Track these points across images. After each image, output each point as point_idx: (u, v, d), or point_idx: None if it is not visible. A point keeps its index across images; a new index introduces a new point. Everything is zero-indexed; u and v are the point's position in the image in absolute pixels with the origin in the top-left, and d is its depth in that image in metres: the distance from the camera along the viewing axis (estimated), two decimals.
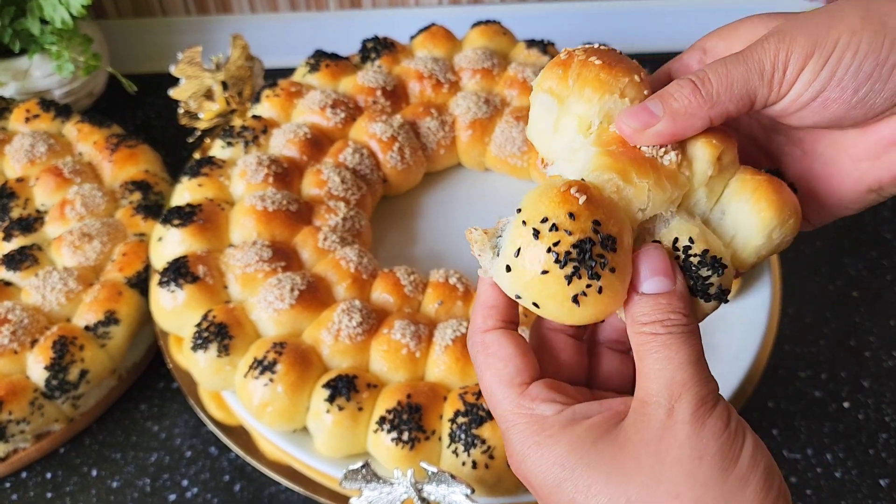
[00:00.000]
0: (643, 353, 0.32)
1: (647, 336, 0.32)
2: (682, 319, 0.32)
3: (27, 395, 0.64)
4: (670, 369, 0.31)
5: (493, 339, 0.35)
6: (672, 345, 0.31)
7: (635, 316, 0.32)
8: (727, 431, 0.31)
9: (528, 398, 0.34)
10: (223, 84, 0.79)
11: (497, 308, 0.36)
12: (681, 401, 0.31)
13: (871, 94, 0.33)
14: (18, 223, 0.75)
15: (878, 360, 0.74)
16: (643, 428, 0.31)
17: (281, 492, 0.65)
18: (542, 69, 0.38)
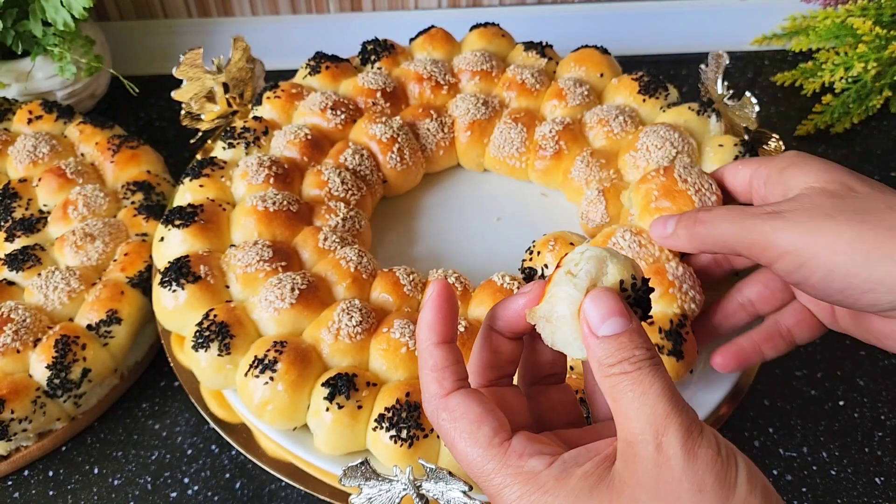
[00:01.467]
0: (617, 395, 0.32)
1: (617, 377, 0.32)
2: (647, 353, 0.32)
3: (29, 393, 0.64)
4: (649, 405, 0.31)
5: (457, 401, 0.34)
6: (644, 380, 0.31)
7: (601, 359, 0.32)
8: (720, 458, 0.30)
9: (513, 456, 0.32)
10: (224, 86, 0.80)
11: (449, 368, 0.35)
12: (667, 434, 0.30)
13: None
14: (21, 223, 0.75)
15: (873, 358, 0.75)
16: (636, 469, 0.31)
17: (281, 489, 0.66)
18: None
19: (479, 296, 0.64)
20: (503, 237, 0.74)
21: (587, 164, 0.72)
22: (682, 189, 0.62)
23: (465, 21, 0.90)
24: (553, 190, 0.77)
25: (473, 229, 0.75)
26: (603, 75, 0.81)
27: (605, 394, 0.33)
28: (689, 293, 0.59)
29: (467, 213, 0.77)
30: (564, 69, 0.82)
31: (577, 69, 0.81)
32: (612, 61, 0.83)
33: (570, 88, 0.78)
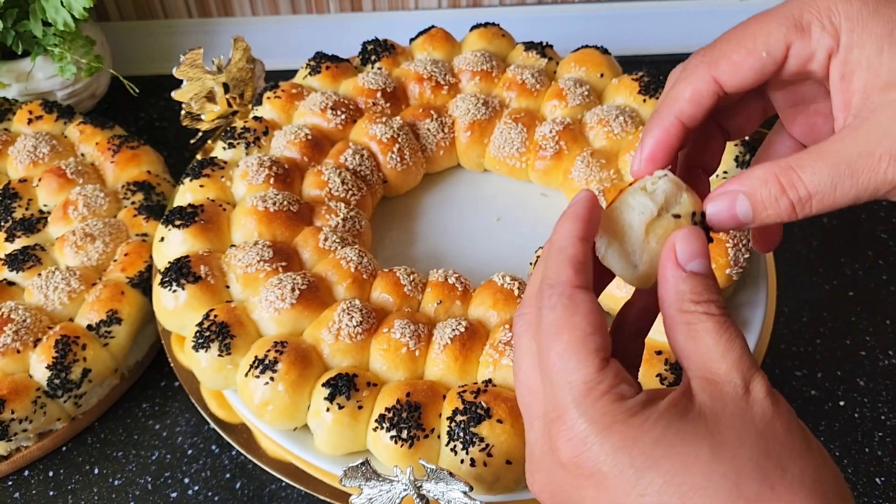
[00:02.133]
0: (696, 333, 0.31)
1: (701, 315, 0.31)
2: (726, 307, 0.32)
3: (30, 393, 0.64)
4: (736, 352, 0.31)
5: (585, 298, 0.32)
6: (731, 329, 0.31)
7: (684, 293, 0.31)
8: (791, 411, 0.31)
9: (611, 372, 0.31)
10: (225, 86, 0.80)
11: (588, 267, 0.33)
12: (754, 382, 0.30)
13: None
14: (21, 224, 0.75)
15: (874, 358, 0.75)
16: (727, 405, 0.30)
17: (281, 489, 0.66)
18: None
19: (479, 296, 0.64)
20: (503, 237, 0.74)
21: (587, 165, 0.72)
22: (722, 239, 0.63)
23: (466, 21, 0.90)
24: (553, 190, 0.77)
25: (473, 229, 0.75)
26: (603, 75, 0.81)
27: (675, 330, 0.32)
28: None
29: (467, 214, 0.77)
30: (564, 69, 0.82)
31: (578, 69, 0.81)
32: (613, 61, 0.83)
33: (570, 88, 0.78)
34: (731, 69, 0.34)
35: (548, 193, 0.78)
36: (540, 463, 0.32)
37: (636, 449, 0.29)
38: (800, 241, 0.85)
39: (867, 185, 0.31)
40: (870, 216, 0.87)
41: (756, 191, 0.32)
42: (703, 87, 0.34)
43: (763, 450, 0.29)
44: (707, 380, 0.31)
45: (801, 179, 0.31)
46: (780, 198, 0.32)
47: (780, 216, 0.32)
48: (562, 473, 0.31)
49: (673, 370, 0.58)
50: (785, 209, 0.32)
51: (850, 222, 0.86)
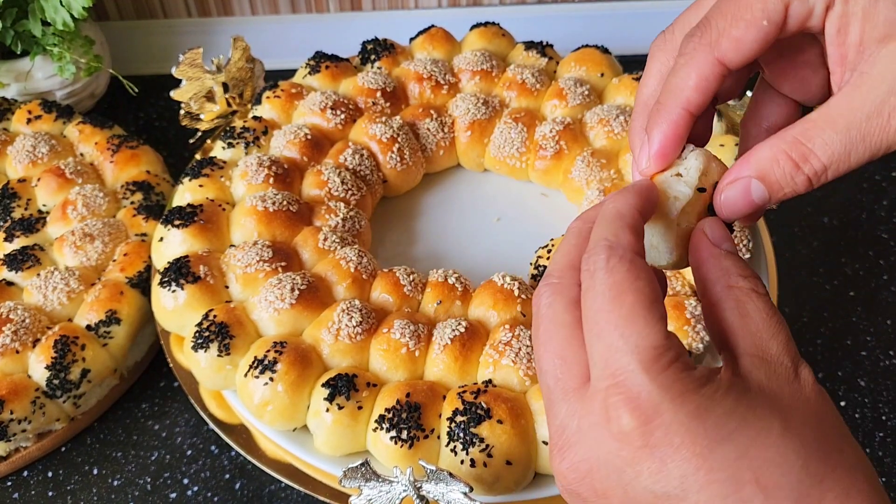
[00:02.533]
0: (747, 309, 0.30)
1: (751, 292, 0.31)
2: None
3: (29, 394, 0.64)
4: (784, 335, 0.30)
5: (647, 267, 0.30)
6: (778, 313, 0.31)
7: (729, 269, 0.31)
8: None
9: (676, 340, 0.29)
10: (224, 85, 0.80)
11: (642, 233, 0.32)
12: (801, 366, 0.30)
13: None
14: (20, 223, 0.75)
15: (874, 359, 0.74)
16: (783, 383, 0.30)
17: (281, 490, 0.65)
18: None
19: (479, 296, 0.64)
20: (503, 237, 0.74)
21: (588, 164, 0.72)
22: None
23: (466, 20, 0.90)
24: (553, 190, 0.77)
25: (473, 229, 0.75)
26: (603, 75, 0.81)
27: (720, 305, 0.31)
28: (700, 333, 0.60)
29: (467, 214, 0.77)
30: (565, 69, 0.82)
31: (578, 69, 0.81)
32: (613, 61, 0.83)
33: (570, 88, 0.78)
34: (734, 46, 0.32)
35: (548, 193, 0.78)
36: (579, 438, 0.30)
37: (710, 420, 0.27)
38: (800, 241, 0.85)
39: (880, 144, 0.30)
40: (870, 216, 0.87)
41: (769, 172, 0.31)
42: (709, 72, 0.32)
43: (823, 432, 0.29)
44: (760, 358, 0.30)
45: (814, 152, 0.30)
46: (795, 175, 0.30)
47: (797, 191, 0.31)
48: (615, 446, 0.29)
49: None
50: (802, 184, 0.31)
51: (850, 222, 0.86)
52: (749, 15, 0.31)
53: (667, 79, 0.34)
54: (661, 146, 0.34)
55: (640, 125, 0.36)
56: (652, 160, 0.34)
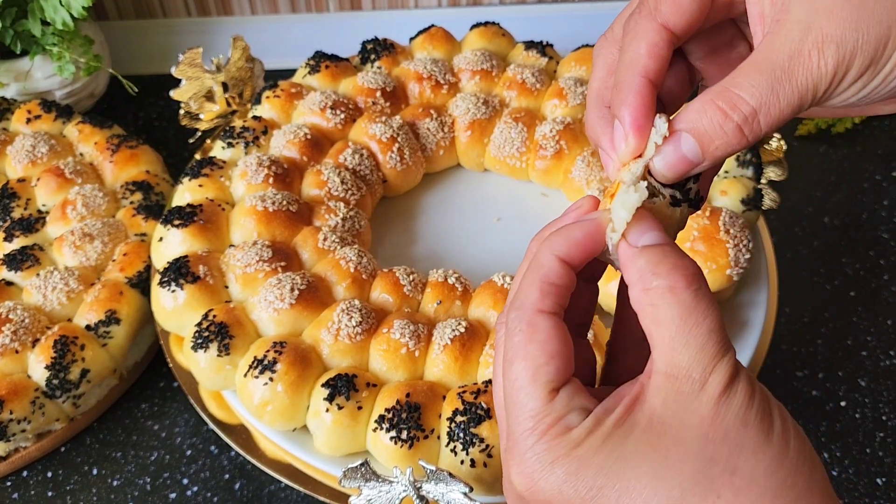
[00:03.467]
0: (661, 316, 0.29)
1: (665, 292, 0.29)
2: (697, 271, 0.29)
3: (28, 394, 0.64)
4: (700, 338, 0.28)
5: (546, 325, 0.30)
6: (697, 308, 0.28)
7: (643, 269, 0.29)
8: (757, 395, 0.29)
9: (559, 404, 0.30)
10: (224, 85, 0.79)
11: (559, 289, 0.31)
12: (714, 374, 0.28)
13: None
14: (20, 223, 0.75)
15: (875, 359, 0.74)
16: (678, 408, 0.28)
17: (281, 490, 0.65)
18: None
19: (479, 296, 0.64)
20: (503, 237, 0.74)
21: (588, 164, 0.72)
22: (722, 240, 0.63)
23: (466, 20, 0.90)
24: (554, 190, 0.77)
25: (473, 229, 0.75)
26: None
27: (643, 314, 0.29)
28: None
29: (467, 213, 0.77)
30: (565, 68, 0.82)
31: (578, 68, 0.81)
32: None
33: (570, 88, 0.78)
34: (674, 9, 0.32)
35: (548, 193, 0.78)
36: (505, 489, 0.32)
37: (580, 482, 0.28)
38: (801, 241, 0.84)
39: (806, 83, 0.29)
40: (871, 216, 0.87)
41: (696, 124, 0.30)
42: (657, 38, 0.32)
43: (709, 457, 0.28)
44: (667, 375, 0.29)
45: (741, 96, 0.29)
46: (724, 123, 0.29)
47: (730, 144, 0.30)
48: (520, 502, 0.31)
49: None
50: (732, 134, 0.29)
51: (851, 222, 0.86)
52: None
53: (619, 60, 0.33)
54: (634, 118, 0.31)
55: (596, 115, 0.35)
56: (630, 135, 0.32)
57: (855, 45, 0.28)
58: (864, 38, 0.28)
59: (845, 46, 0.28)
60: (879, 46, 0.28)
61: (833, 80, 0.29)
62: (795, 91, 0.29)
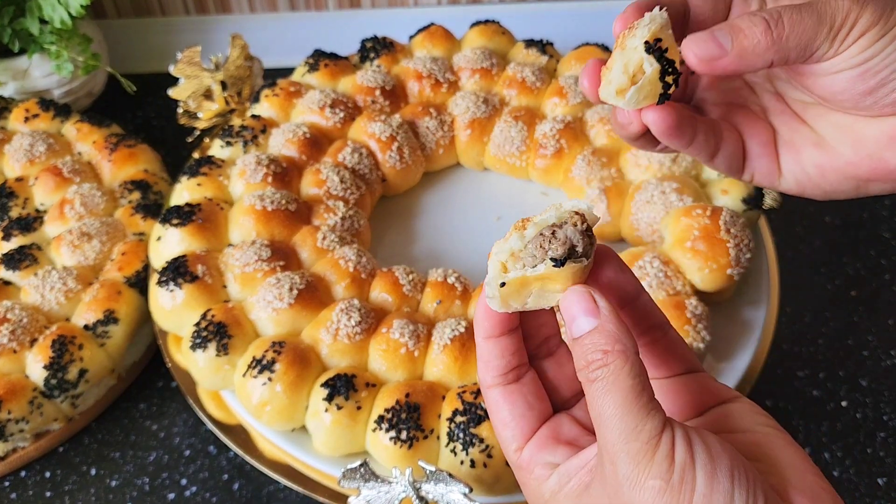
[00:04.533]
0: (595, 400, 0.30)
1: (586, 384, 0.30)
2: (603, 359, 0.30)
3: (26, 394, 0.64)
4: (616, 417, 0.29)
5: (492, 398, 0.35)
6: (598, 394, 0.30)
7: (577, 363, 0.31)
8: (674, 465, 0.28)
9: (524, 462, 0.34)
10: (222, 84, 0.79)
11: (491, 363, 0.35)
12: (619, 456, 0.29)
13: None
14: (18, 222, 0.75)
15: (876, 359, 0.74)
16: (604, 485, 0.30)
17: (279, 490, 0.65)
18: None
19: (479, 296, 0.63)
20: (503, 237, 0.74)
21: (588, 163, 0.72)
22: (723, 239, 0.63)
23: (465, 18, 0.89)
24: (554, 189, 0.77)
25: (473, 229, 0.75)
26: None
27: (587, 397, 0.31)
28: (701, 332, 0.60)
29: (467, 213, 0.76)
30: (565, 67, 0.82)
31: (578, 67, 0.81)
32: None
33: (570, 86, 0.77)
34: None
35: (548, 192, 0.77)
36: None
37: None
38: (802, 240, 0.84)
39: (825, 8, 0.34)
40: (872, 216, 0.86)
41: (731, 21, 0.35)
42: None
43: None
44: (598, 454, 0.30)
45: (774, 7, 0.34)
46: (753, 18, 0.34)
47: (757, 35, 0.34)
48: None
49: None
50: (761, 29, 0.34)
51: (852, 222, 0.86)
52: None
53: None
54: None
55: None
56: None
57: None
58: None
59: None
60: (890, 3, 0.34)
61: (848, 15, 0.34)
62: (818, 14, 0.34)
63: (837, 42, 0.34)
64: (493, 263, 0.33)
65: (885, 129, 0.36)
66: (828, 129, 0.39)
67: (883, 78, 0.35)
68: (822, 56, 0.35)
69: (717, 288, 0.64)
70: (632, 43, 0.35)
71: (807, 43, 0.34)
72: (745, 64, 0.34)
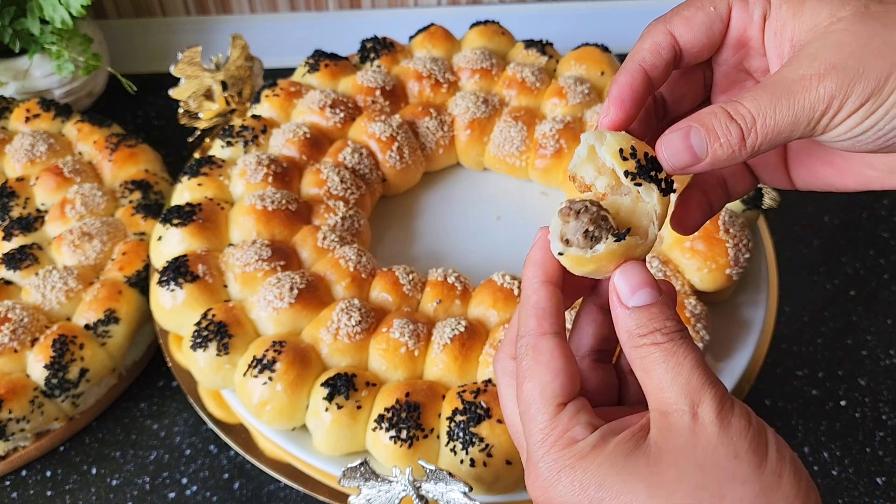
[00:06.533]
0: (648, 365, 0.32)
1: (649, 347, 0.32)
2: (677, 325, 0.32)
3: (27, 393, 0.64)
4: (683, 375, 0.31)
5: (549, 346, 0.34)
6: (677, 351, 0.31)
7: (631, 330, 0.32)
8: (752, 427, 0.31)
9: (565, 417, 0.33)
10: (223, 84, 0.79)
11: (553, 313, 0.35)
12: (702, 405, 0.31)
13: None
14: (18, 222, 0.75)
15: (875, 358, 0.74)
16: (672, 437, 0.31)
17: (280, 489, 0.65)
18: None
19: (479, 295, 0.64)
20: (503, 236, 0.74)
21: None
22: (722, 239, 0.63)
23: (465, 19, 0.90)
24: (554, 189, 0.77)
25: (473, 228, 0.75)
26: (604, 73, 0.80)
27: (634, 366, 0.33)
28: (701, 332, 0.60)
29: (467, 213, 0.77)
30: (565, 67, 0.82)
31: (578, 67, 0.81)
32: (613, 59, 0.83)
33: (570, 87, 0.77)
34: (684, 22, 0.36)
35: (548, 192, 0.78)
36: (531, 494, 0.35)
37: (583, 493, 0.31)
38: (801, 240, 0.84)
39: (803, 103, 0.31)
40: (871, 215, 0.86)
41: (706, 120, 0.33)
42: (661, 39, 0.36)
43: (699, 483, 0.30)
44: (659, 412, 0.32)
45: (744, 105, 0.32)
46: (729, 124, 0.32)
47: (731, 145, 0.32)
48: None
49: None
50: (735, 136, 0.32)
51: (851, 222, 0.86)
52: (699, 3, 0.36)
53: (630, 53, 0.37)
54: (617, 93, 0.35)
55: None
56: (610, 107, 0.35)
57: (856, 73, 0.31)
58: (867, 70, 0.31)
59: (846, 73, 0.31)
60: (881, 79, 0.31)
61: (830, 105, 0.31)
62: (792, 108, 0.32)
63: (820, 129, 0.32)
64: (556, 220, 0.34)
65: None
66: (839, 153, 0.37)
67: (883, 144, 0.33)
68: (807, 135, 0.33)
69: (716, 288, 0.64)
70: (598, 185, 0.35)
71: (783, 140, 0.33)
72: (720, 167, 0.34)
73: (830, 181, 0.38)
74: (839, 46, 0.31)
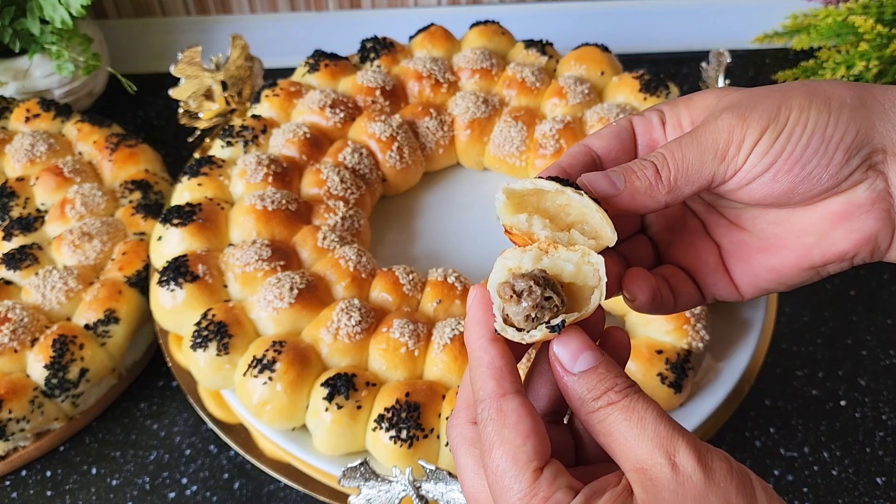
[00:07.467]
0: (609, 427, 0.31)
1: (606, 409, 0.31)
2: (629, 381, 0.32)
3: (27, 393, 0.64)
4: (650, 428, 0.30)
5: (513, 407, 0.32)
6: (636, 406, 0.31)
7: (583, 395, 0.32)
8: (734, 469, 0.30)
9: (545, 484, 0.31)
10: (223, 84, 0.79)
11: (509, 371, 0.33)
12: (678, 454, 0.30)
13: (818, 168, 0.34)
14: (18, 222, 0.75)
15: (875, 358, 0.74)
16: (660, 493, 0.30)
17: (280, 489, 0.65)
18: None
19: (475, 294, 0.63)
20: (503, 236, 0.74)
21: None
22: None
23: (465, 19, 0.90)
24: None
25: (473, 229, 0.75)
26: (604, 73, 0.81)
27: (594, 431, 0.32)
28: (700, 332, 0.60)
29: (467, 213, 0.77)
30: (565, 67, 0.82)
31: (578, 67, 0.81)
32: (613, 59, 0.83)
33: (570, 87, 0.77)
34: (595, 136, 0.40)
35: None
36: None
37: None
38: None
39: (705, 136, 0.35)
40: None
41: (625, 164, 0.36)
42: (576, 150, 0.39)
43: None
44: (637, 470, 0.30)
45: (656, 151, 0.36)
46: (643, 163, 0.35)
47: (648, 178, 0.35)
48: None
49: (673, 369, 0.58)
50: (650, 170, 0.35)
51: None
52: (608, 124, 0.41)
53: None
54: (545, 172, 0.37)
55: None
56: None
57: (749, 109, 0.34)
58: (758, 106, 0.34)
59: (741, 110, 0.35)
60: (773, 110, 0.34)
61: (732, 136, 0.34)
62: (697, 143, 0.35)
63: (728, 163, 0.34)
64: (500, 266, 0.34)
65: (824, 212, 0.36)
66: (768, 227, 0.38)
67: (798, 174, 0.34)
68: (722, 179, 0.35)
69: None
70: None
71: (696, 176, 0.34)
72: (639, 204, 0.35)
73: (772, 265, 0.38)
74: (731, 102, 0.35)
